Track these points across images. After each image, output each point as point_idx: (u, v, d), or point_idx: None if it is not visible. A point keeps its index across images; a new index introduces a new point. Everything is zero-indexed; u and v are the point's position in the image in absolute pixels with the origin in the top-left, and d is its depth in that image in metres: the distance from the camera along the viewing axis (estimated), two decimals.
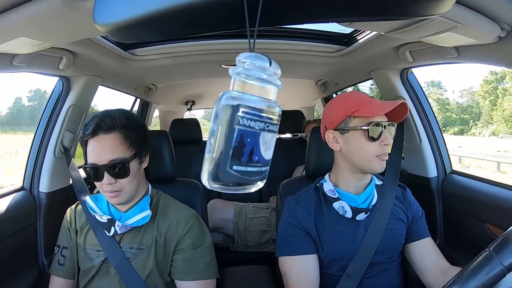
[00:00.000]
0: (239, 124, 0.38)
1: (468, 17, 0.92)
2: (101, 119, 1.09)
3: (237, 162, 0.39)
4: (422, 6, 0.53)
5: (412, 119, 1.72)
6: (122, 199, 1.12)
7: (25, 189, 1.55)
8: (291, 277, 1.13)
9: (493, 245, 0.62)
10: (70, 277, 1.23)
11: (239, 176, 0.40)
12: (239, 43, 1.67)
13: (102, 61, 1.56)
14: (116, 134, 1.09)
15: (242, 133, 0.39)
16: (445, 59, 1.34)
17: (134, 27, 0.52)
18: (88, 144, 1.10)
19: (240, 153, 0.39)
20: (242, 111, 0.38)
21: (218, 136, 0.38)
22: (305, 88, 3.07)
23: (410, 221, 1.20)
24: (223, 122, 0.38)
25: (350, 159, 1.13)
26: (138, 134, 1.15)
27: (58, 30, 0.98)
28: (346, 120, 1.11)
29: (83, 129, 1.10)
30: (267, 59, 0.40)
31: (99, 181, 1.09)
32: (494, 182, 1.46)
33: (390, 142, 1.08)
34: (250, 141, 0.39)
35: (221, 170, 0.39)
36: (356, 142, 1.10)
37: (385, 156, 1.09)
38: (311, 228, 1.14)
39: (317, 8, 0.49)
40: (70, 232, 1.24)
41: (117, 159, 1.07)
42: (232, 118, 0.38)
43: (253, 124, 0.39)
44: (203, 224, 1.23)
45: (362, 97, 1.11)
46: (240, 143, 0.39)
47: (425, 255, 1.17)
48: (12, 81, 28.88)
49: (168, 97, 3.31)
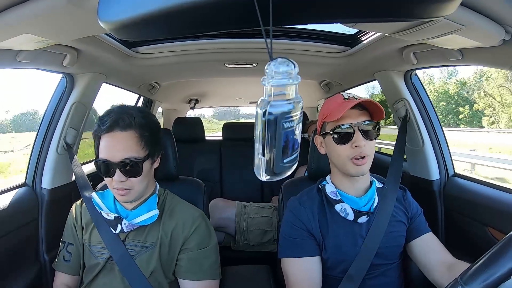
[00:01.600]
0: (283, 128, 0.46)
1: (473, 19, 0.91)
2: (119, 116, 1.08)
3: (286, 156, 0.48)
4: (427, 8, 0.52)
5: (415, 121, 1.72)
6: (130, 198, 1.12)
7: (28, 185, 1.56)
8: (294, 279, 1.12)
9: (465, 275, 0.62)
10: (75, 273, 1.23)
11: (289, 165, 0.49)
12: (244, 43, 1.67)
13: (106, 58, 1.56)
14: (132, 133, 1.09)
15: (286, 134, 0.46)
16: (449, 61, 1.34)
17: (139, 25, 0.52)
18: (102, 139, 1.09)
19: (287, 149, 0.47)
20: (285, 116, 0.45)
21: (268, 141, 0.46)
22: (308, 89, 3.07)
23: (410, 220, 1.20)
24: (271, 129, 0.45)
25: (332, 162, 1.18)
26: (153, 134, 1.14)
27: (62, 27, 0.98)
28: (324, 125, 1.15)
29: (98, 123, 1.09)
30: (292, 64, 0.45)
31: (110, 177, 1.08)
32: (496, 185, 1.45)
33: (361, 143, 1.06)
34: (291, 137, 0.47)
35: (277, 166, 0.47)
36: (330, 146, 1.14)
37: (360, 160, 1.08)
38: (315, 228, 1.14)
39: (322, 9, 0.49)
40: (76, 228, 1.24)
41: (131, 157, 1.07)
42: (278, 125, 0.45)
43: (291, 124, 0.47)
44: (209, 225, 1.24)
45: (335, 101, 1.12)
46: (286, 142, 0.47)
47: (427, 251, 1.16)
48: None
49: (171, 95, 3.31)
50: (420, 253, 1.17)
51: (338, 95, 1.15)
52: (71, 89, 1.62)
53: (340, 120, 1.08)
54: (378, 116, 1.11)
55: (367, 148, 1.08)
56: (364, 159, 1.08)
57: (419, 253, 1.17)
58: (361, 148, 1.07)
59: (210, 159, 3.02)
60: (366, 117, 1.10)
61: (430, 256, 1.15)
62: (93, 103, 1.75)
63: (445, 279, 1.06)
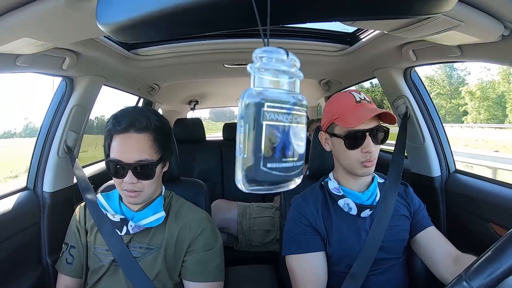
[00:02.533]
0: (267, 119, 0.37)
1: (472, 15, 0.91)
2: (135, 117, 1.07)
3: (271, 159, 0.38)
4: (426, 5, 0.52)
5: (416, 118, 1.72)
6: (139, 200, 1.12)
7: (29, 189, 1.56)
8: (299, 275, 1.12)
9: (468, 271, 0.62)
10: (78, 276, 1.23)
11: (275, 173, 0.39)
12: (243, 43, 1.67)
13: (105, 61, 1.56)
14: (147, 136, 1.08)
15: (270, 128, 0.38)
16: (448, 57, 1.34)
17: (138, 27, 0.52)
18: (115, 138, 1.08)
19: (272, 149, 0.38)
20: (267, 105, 0.37)
21: (247, 136, 0.38)
22: (308, 87, 3.07)
23: (413, 214, 1.21)
24: (249, 120, 0.37)
25: (339, 162, 1.17)
26: (166, 138, 1.14)
27: (61, 31, 0.98)
28: (332, 125, 1.14)
29: (113, 122, 1.08)
30: (283, 51, 0.39)
31: (120, 178, 1.07)
32: (498, 181, 1.45)
33: (372, 149, 1.07)
34: (280, 136, 0.39)
35: (256, 170, 0.38)
36: (339, 147, 1.12)
37: (369, 162, 1.08)
38: (319, 224, 1.15)
39: (320, 7, 0.49)
40: (79, 231, 1.23)
41: (145, 160, 1.06)
42: (258, 114, 0.37)
43: (281, 117, 0.38)
44: (215, 227, 1.23)
45: (347, 103, 1.11)
46: (271, 139, 0.38)
47: (431, 243, 1.16)
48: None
49: (171, 96, 3.31)
50: (424, 246, 1.17)
51: (348, 94, 1.13)
52: (71, 92, 1.61)
53: (353, 126, 1.07)
54: (388, 121, 1.11)
55: (376, 152, 1.09)
56: (373, 160, 1.09)
57: (424, 247, 1.17)
58: (371, 153, 1.07)
59: (211, 160, 3.02)
60: (377, 122, 1.10)
61: (434, 248, 1.15)
62: (93, 106, 1.75)
63: (450, 272, 1.06)
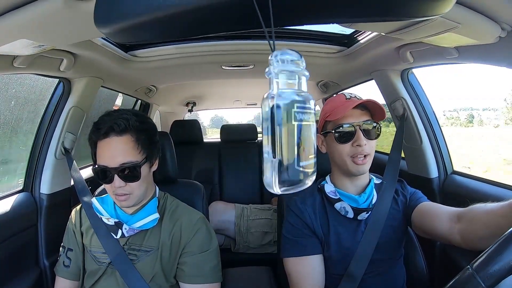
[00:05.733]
0: (296, 120, 0.39)
1: (469, 17, 0.92)
2: (114, 121, 1.07)
3: (302, 158, 0.39)
4: (423, 7, 0.53)
5: (413, 120, 1.72)
6: (131, 202, 1.12)
7: (26, 191, 1.55)
8: (297, 278, 1.13)
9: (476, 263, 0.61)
10: (75, 278, 1.22)
11: (306, 170, 0.40)
12: (240, 44, 1.67)
13: (103, 62, 1.55)
14: (128, 137, 1.08)
15: (300, 128, 0.39)
16: (445, 59, 1.34)
17: (136, 28, 0.52)
18: (99, 145, 1.08)
19: (303, 148, 0.39)
20: (296, 106, 0.39)
21: (279, 138, 0.38)
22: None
23: (408, 200, 1.20)
24: (281, 121, 0.38)
25: (333, 161, 1.18)
26: (149, 137, 1.14)
27: (59, 32, 0.98)
28: (325, 124, 1.16)
29: (93, 129, 1.08)
30: (297, 54, 0.41)
31: (108, 183, 1.08)
32: (495, 182, 1.45)
33: (362, 142, 1.08)
34: (307, 134, 0.40)
35: (291, 170, 0.38)
36: (331, 145, 1.15)
37: (359, 159, 1.09)
38: (317, 227, 1.15)
39: (320, 9, 0.49)
40: (75, 234, 1.23)
41: (129, 162, 1.06)
42: (290, 115, 0.38)
43: (306, 117, 0.40)
44: (210, 228, 1.23)
45: (338, 100, 1.14)
46: (301, 138, 0.39)
47: (430, 209, 1.12)
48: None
49: (169, 98, 3.31)
50: (424, 217, 1.11)
51: (340, 95, 1.16)
52: (68, 93, 1.61)
53: (342, 119, 1.10)
54: (379, 116, 1.13)
55: (368, 147, 1.09)
56: (365, 158, 1.10)
57: (424, 217, 1.12)
58: (362, 147, 1.08)
59: (208, 161, 3.01)
60: (367, 117, 1.12)
61: (433, 215, 1.09)
62: (90, 107, 1.75)
63: (457, 229, 1.00)
